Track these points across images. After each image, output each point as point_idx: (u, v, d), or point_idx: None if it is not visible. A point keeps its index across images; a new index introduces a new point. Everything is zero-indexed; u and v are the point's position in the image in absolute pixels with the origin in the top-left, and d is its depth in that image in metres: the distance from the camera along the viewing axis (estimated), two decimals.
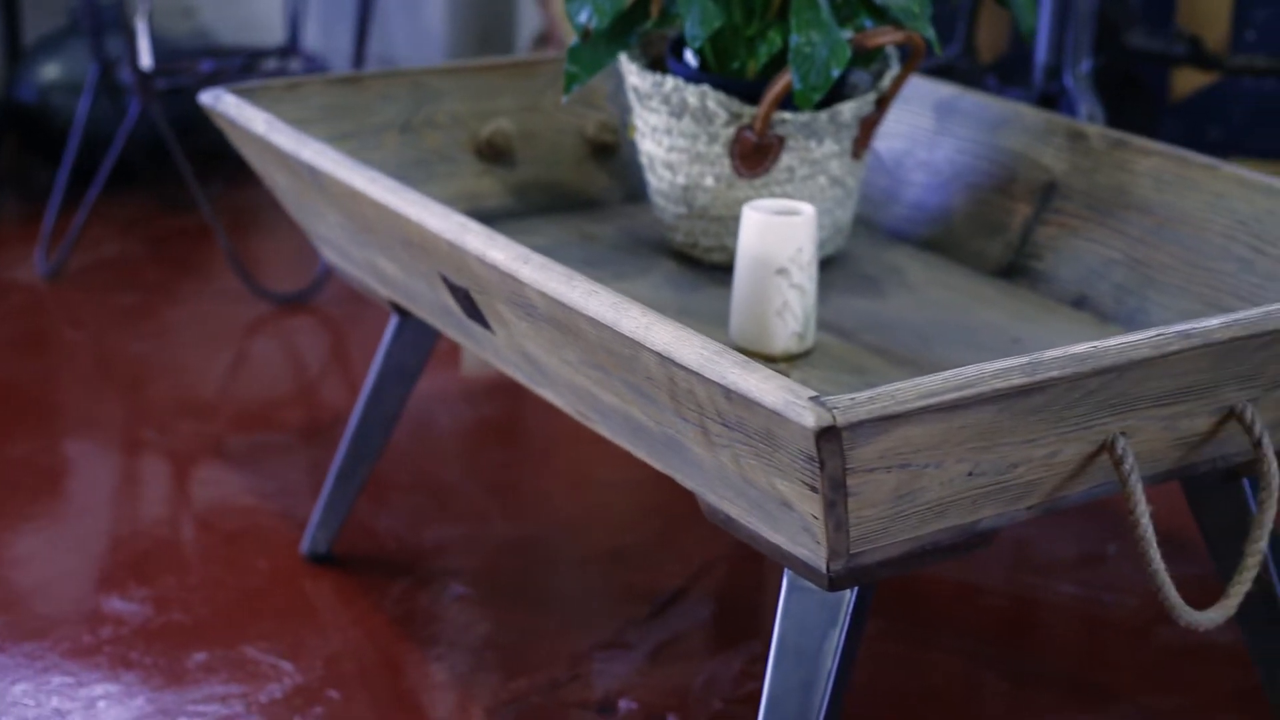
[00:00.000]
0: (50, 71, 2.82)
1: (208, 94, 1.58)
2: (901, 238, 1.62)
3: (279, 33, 3.15)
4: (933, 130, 1.64)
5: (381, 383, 1.65)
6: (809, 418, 0.94)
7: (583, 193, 1.71)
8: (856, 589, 1.10)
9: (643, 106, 1.52)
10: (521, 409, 2.10)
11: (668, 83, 1.48)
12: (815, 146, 1.48)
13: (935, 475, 1.01)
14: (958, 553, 1.08)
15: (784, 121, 1.46)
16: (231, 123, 1.54)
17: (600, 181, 1.72)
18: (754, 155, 1.47)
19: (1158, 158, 1.45)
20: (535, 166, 1.70)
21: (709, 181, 1.49)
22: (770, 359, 1.35)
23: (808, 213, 1.36)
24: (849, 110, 1.48)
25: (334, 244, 1.55)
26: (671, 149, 1.50)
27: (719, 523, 1.13)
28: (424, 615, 1.64)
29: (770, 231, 1.34)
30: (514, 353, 1.29)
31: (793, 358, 1.36)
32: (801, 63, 1.39)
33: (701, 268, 1.54)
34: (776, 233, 1.34)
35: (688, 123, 1.48)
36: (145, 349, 2.28)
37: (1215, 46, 2.54)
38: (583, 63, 1.45)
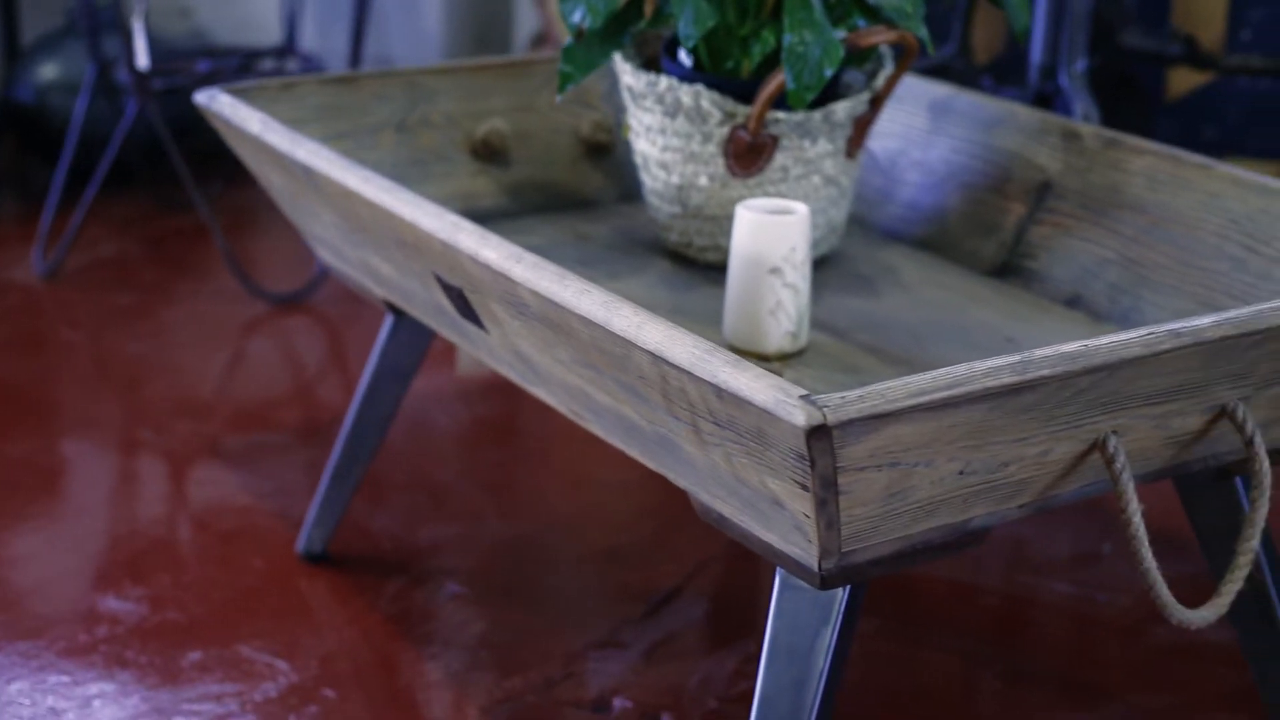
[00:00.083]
0: (48, 72, 2.83)
1: (203, 94, 1.58)
2: (896, 237, 1.62)
3: (276, 33, 3.15)
4: (927, 130, 1.64)
5: (376, 382, 1.65)
6: (800, 416, 0.94)
7: (577, 192, 1.71)
8: (849, 587, 1.10)
9: (637, 106, 1.52)
10: (517, 408, 2.10)
11: (662, 82, 1.48)
12: (809, 146, 1.48)
13: (926, 474, 1.01)
14: (949, 551, 1.08)
15: (778, 121, 1.46)
16: (226, 122, 1.54)
17: (595, 181, 1.72)
18: (748, 155, 1.47)
19: (1151, 157, 1.46)
20: (530, 166, 1.70)
21: (703, 181, 1.50)
22: (764, 358, 1.35)
23: (801, 212, 1.37)
24: (843, 110, 1.48)
25: (329, 244, 1.55)
26: (666, 148, 1.51)
27: (712, 521, 1.13)
28: (419, 614, 1.64)
29: (763, 231, 1.35)
30: (508, 352, 1.29)
31: (786, 357, 1.36)
32: (795, 62, 1.39)
33: (696, 267, 1.54)
34: (770, 232, 1.34)
35: (682, 122, 1.48)
36: (142, 349, 2.28)
37: (1210, 46, 2.54)
38: (577, 62, 1.45)
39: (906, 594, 1.69)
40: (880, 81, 1.51)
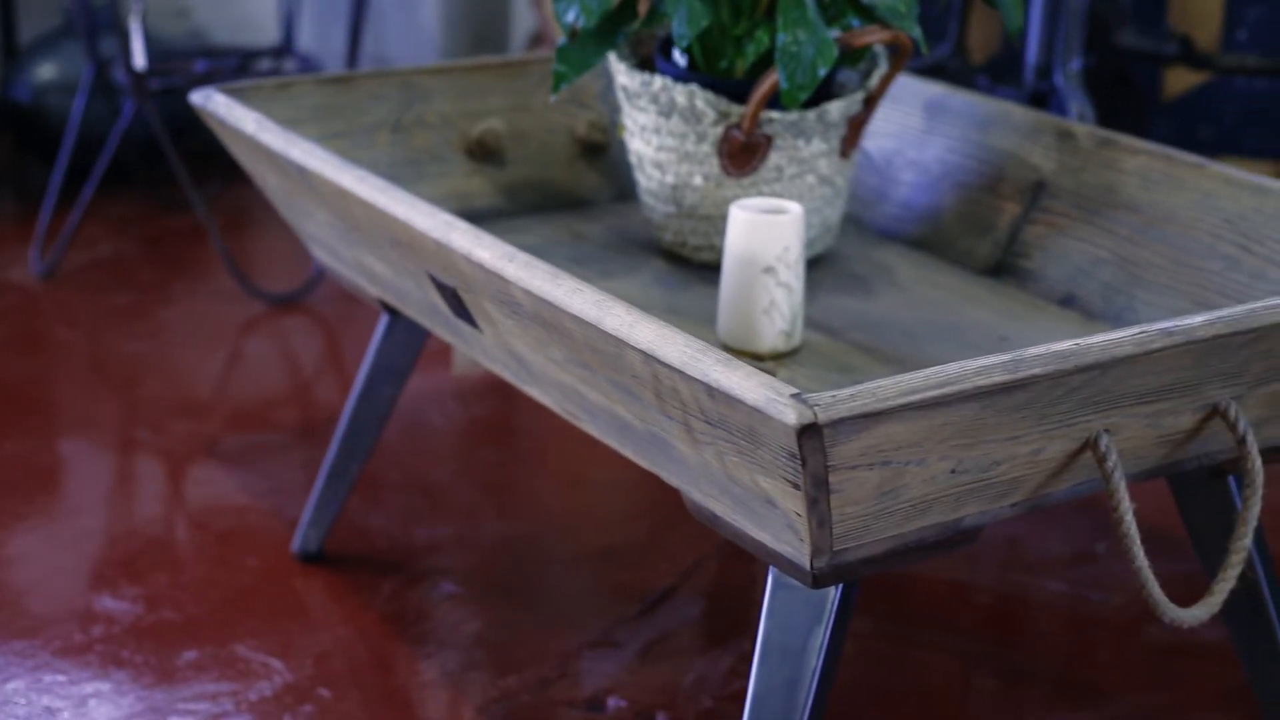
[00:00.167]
0: (45, 72, 2.83)
1: (198, 93, 1.58)
2: (891, 237, 1.62)
3: (274, 33, 3.15)
4: (922, 129, 1.64)
5: (372, 382, 1.65)
6: (790, 415, 0.94)
7: (573, 192, 1.71)
8: (841, 586, 1.10)
9: (632, 106, 1.52)
10: (513, 408, 2.10)
11: (656, 82, 1.48)
12: (803, 145, 1.48)
13: (918, 472, 1.01)
14: (942, 550, 1.08)
15: (772, 120, 1.46)
16: (222, 122, 1.54)
17: (590, 181, 1.72)
18: (742, 154, 1.47)
19: (1145, 156, 1.46)
20: (525, 166, 1.70)
21: (697, 180, 1.50)
22: (758, 357, 1.35)
23: (794, 211, 1.37)
24: (837, 109, 1.48)
25: (324, 243, 1.55)
26: (660, 148, 1.51)
27: (704, 520, 1.14)
28: (414, 614, 1.64)
29: (757, 230, 1.35)
30: (501, 351, 1.29)
31: (780, 356, 1.36)
32: (788, 62, 1.39)
33: (690, 266, 1.54)
34: (763, 231, 1.35)
35: (676, 122, 1.48)
36: (139, 349, 2.28)
37: (1207, 46, 2.54)
38: (571, 62, 1.45)
39: (901, 593, 1.69)
40: (874, 81, 1.51)
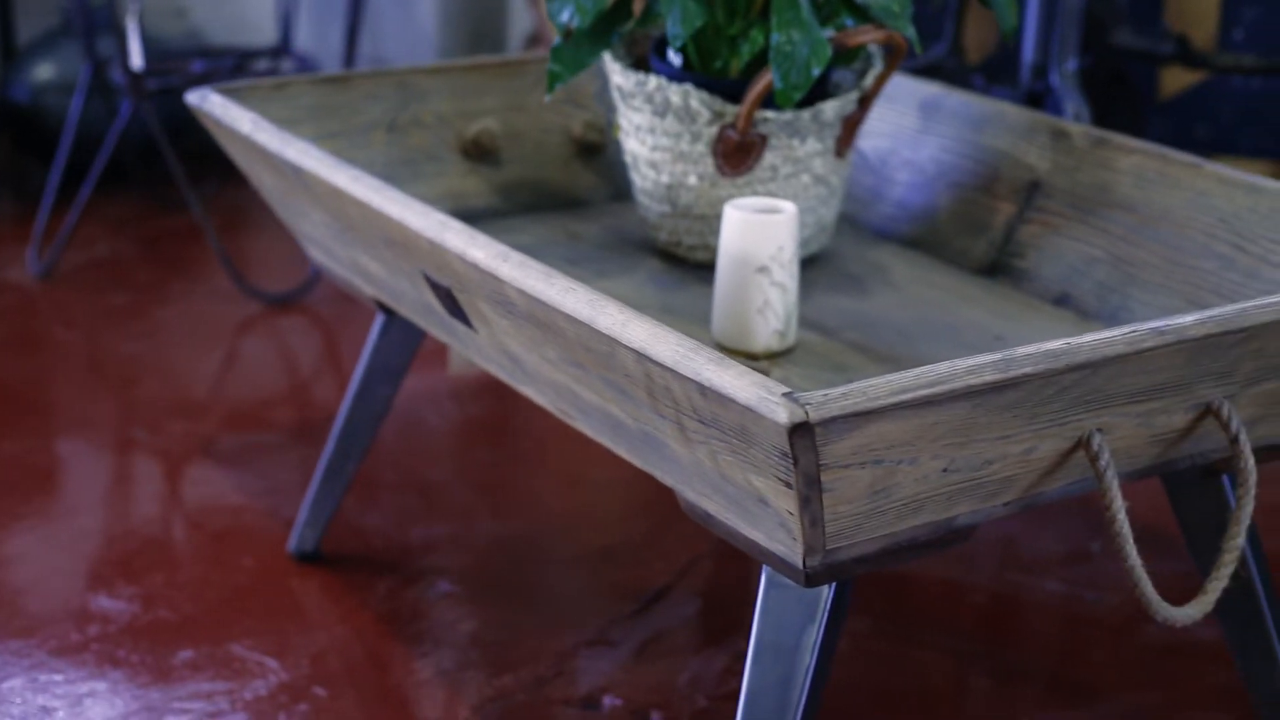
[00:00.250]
0: (43, 72, 2.83)
1: (194, 93, 1.58)
2: (886, 236, 1.62)
3: (271, 33, 3.15)
4: (917, 129, 1.64)
5: (368, 381, 1.66)
6: (782, 414, 0.94)
7: (569, 192, 1.71)
8: (834, 585, 1.10)
9: (627, 105, 1.53)
10: (509, 408, 2.11)
11: (651, 82, 1.48)
12: (798, 145, 1.48)
13: (910, 471, 1.02)
14: (934, 549, 1.08)
15: (766, 120, 1.46)
16: (217, 122, 1.54)
17: (586, 180, 1.72)
18: (737, 154, 1.47)
19: (1140, 156, 1.46)
20: (521, 165, 1.70)
21: (692, 180, 1.50)
22: (752, 356, 1.35)
23: (788, 211, 1.37)
24: (831, 109, 1.48)
25: (319, 243, 1.55)
26: (655, 148, 1.51)
27: (698, 519, 1.14)
28: (410, 613, 1.64)
29: (751, 230, 1.35)
30: (496, 351, 1.29)
31: (774, 355, 1.36)
32: (782, 61, 1.39)
33: (685, 266, 1.54)
34: (757, 231, 1.35)
35: (671, 121, 1.49)
36: (136, 349, 2.28)
37: (1203, 45, 2.54)
38: (565, 62, 1.45)
39: (897, 593, 1.69)
40: (869, 81, 1.52)
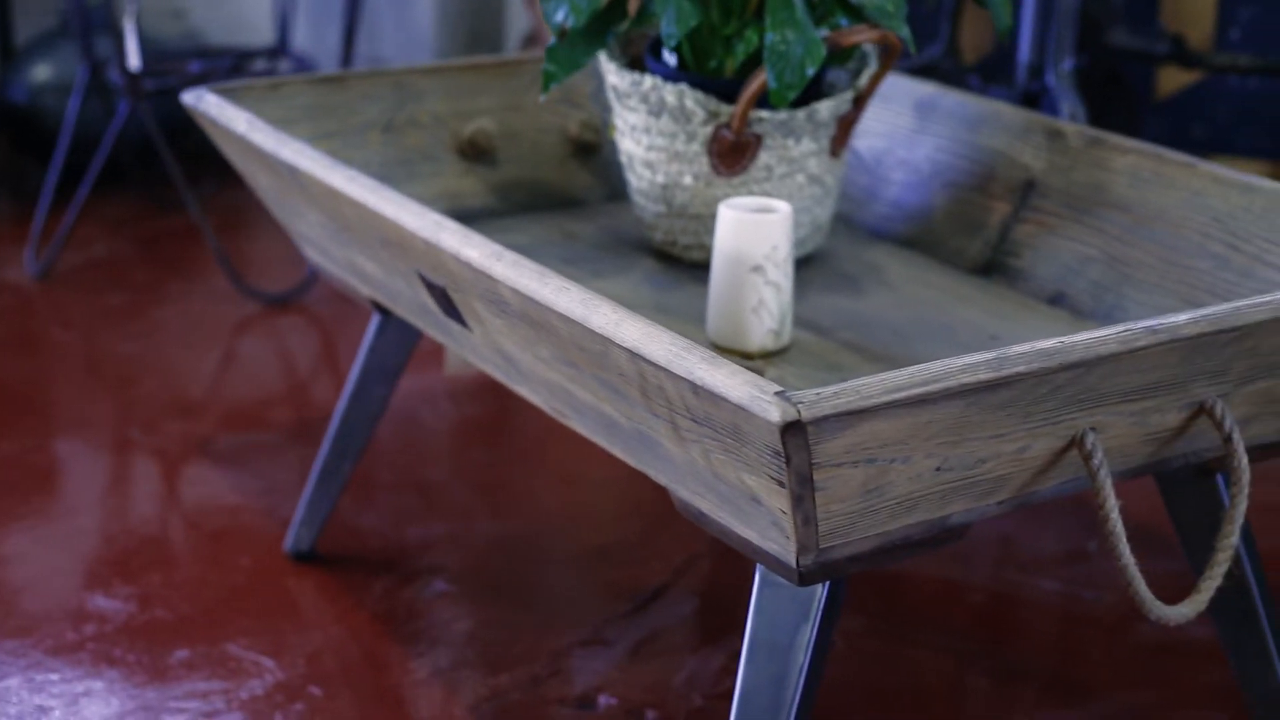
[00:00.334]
0: (40, 72, 2.83)
1: (190, 93, 1.58)
2: (881, 236, 1.62)
3: (268, 34, 3.15)
4: (912, 129, 1.64)
5: (364, 381, 1.66)
6: (774, 412, 0.94)
7: (565, 191, 1.71)
8: (828, 584, 1.10)
9: (622, 105, 1.53)
10: (505, 408, 2.11)
11: (646, 81, 1.49)
12: (793, 145, 1.48)
13: (903, 470, 1.02)
14: (928, 548, 1.09)
15: (761, 120, 1.46)
16: (213, 122, 1.54)
17: (582, 180, 1.73)
18: (732, 154, 1.48)
19: (1135, 155, 1.46)
20: (517, 165, 1.70)
21: (687, 180, 1.50)
22: (747, 356, 1.35)
23: (783, 210, 1.37)
24: (826, 109, 1.49)
25: (315, 243, 1.55)
26: (650, 148, 1.51)
27: (691, 518, 1.14)
28: (406, 612, 1.64)
29: (745, 229, 1.35)
30: (491, 350, 1.30)
31: (769, 355, 1.36)
32: (776, 61, 1.39)
33: (681, 266, 1.55)
34: (751, 230, 1.35)
35: (666, 121, 1.49)
36: (134, 349, 2.28)
37: (1199, 45, 2.54)
38: (560, 62, 1.45)
39: (893, 592, 1.69)
40: (864, 80, 1.52)
